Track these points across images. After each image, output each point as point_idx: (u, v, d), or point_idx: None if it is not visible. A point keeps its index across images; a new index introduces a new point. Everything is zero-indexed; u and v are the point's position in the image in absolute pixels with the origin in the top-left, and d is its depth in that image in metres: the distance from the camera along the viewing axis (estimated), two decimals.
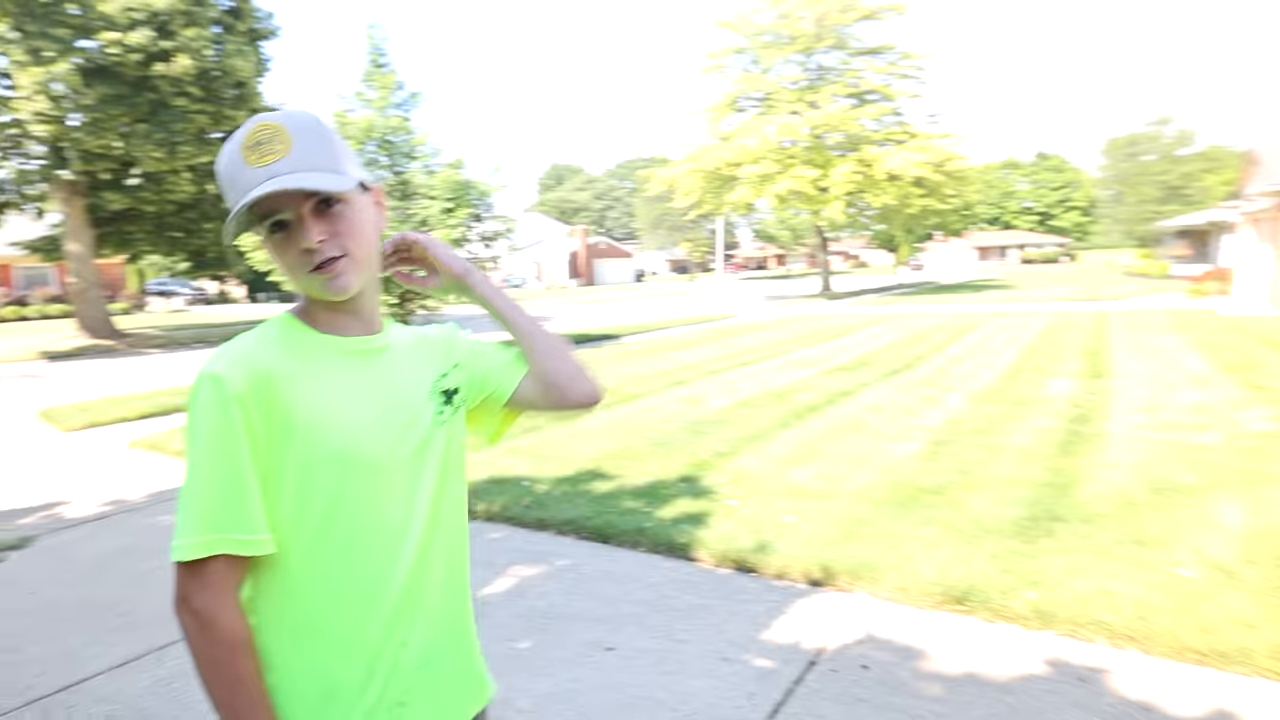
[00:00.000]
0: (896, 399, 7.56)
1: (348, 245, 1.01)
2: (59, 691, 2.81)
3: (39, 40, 14.79)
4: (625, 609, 3.29)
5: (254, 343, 1.01)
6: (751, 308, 24.99)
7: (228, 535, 0.93)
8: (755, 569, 3.60)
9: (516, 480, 5.04)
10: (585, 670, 2.83)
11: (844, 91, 29.20)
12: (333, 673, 1.00)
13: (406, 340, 1.16)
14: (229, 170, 0.98)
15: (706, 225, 65.66)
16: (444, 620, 1.12)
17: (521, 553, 3.96)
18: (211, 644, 0.94)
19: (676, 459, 5.45)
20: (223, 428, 0.93)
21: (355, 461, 1.00)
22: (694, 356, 11.64)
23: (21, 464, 6.46)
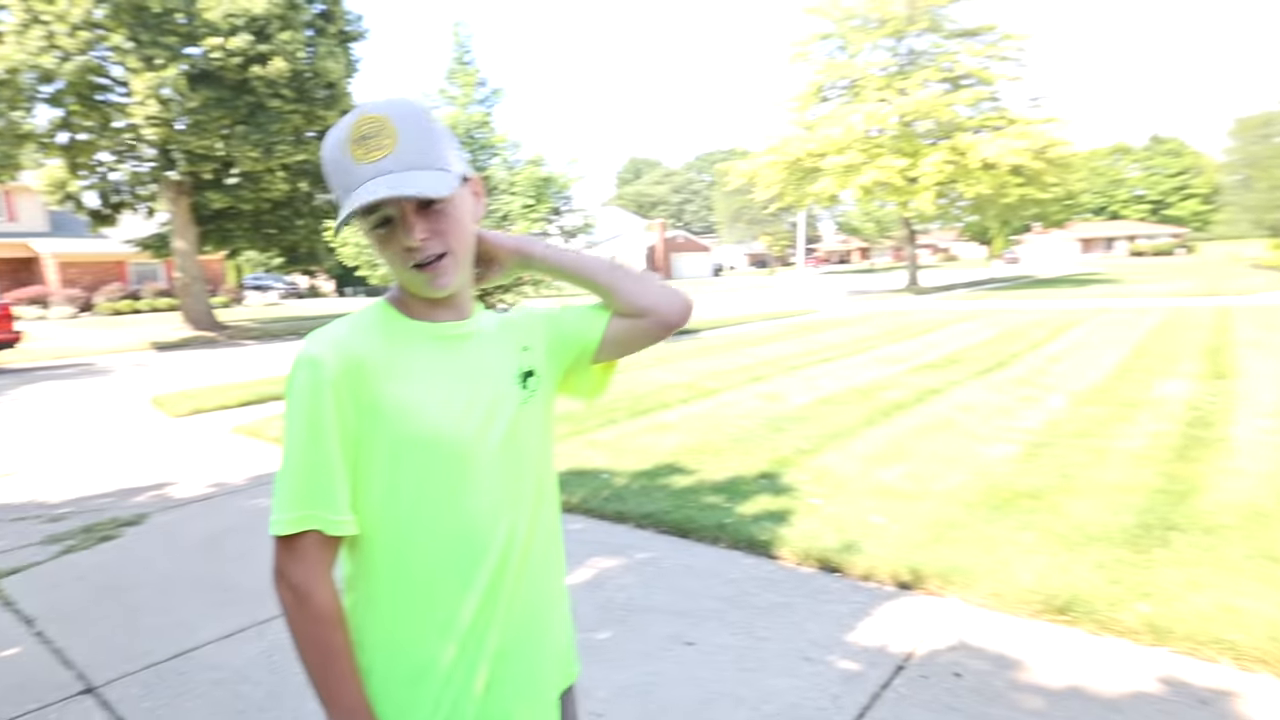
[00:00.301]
0: (990, 398, 7.21)
1: (450, 243, 1.02)
2: (172, 659, 2.98)
3: (151, 48, 15.78)
4: (706, 604, 3.24)
5: (348, 328, 1.03)
6: (834, 303, 24.40)
7: (318, 513, 0.97)
8: (840, 569, 3.49)
9: (596, 473, 5.05)
10: (664, 664, 2.79)
11: (936, 76, 28.08)
12: (421, 654, 1.02)
13: (492, 326, 1.17)
14: (336, 162, 0.99)
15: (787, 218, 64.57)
16: (534, 605, 1.11)
17: (601, 545, 3.96)
18: (306, 618, 0.98)
19: (757, 455, 5.35)
20: (315, 411, 0.97)
21: (442, 445, 1.01)
22: (774, 352, 11.44)
23: (136, 447, 6.88)
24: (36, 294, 30.06)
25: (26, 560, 4.08)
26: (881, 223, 60.07)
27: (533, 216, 11.47)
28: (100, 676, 2.87)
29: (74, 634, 3.22)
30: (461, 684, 1.03)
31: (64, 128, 17.58)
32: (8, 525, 4.69)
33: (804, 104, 30.96)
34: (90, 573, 3.89)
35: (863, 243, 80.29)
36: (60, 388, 11.22)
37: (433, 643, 1.02)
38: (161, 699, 2.71)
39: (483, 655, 1.04)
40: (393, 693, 1.02)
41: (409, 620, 1.02)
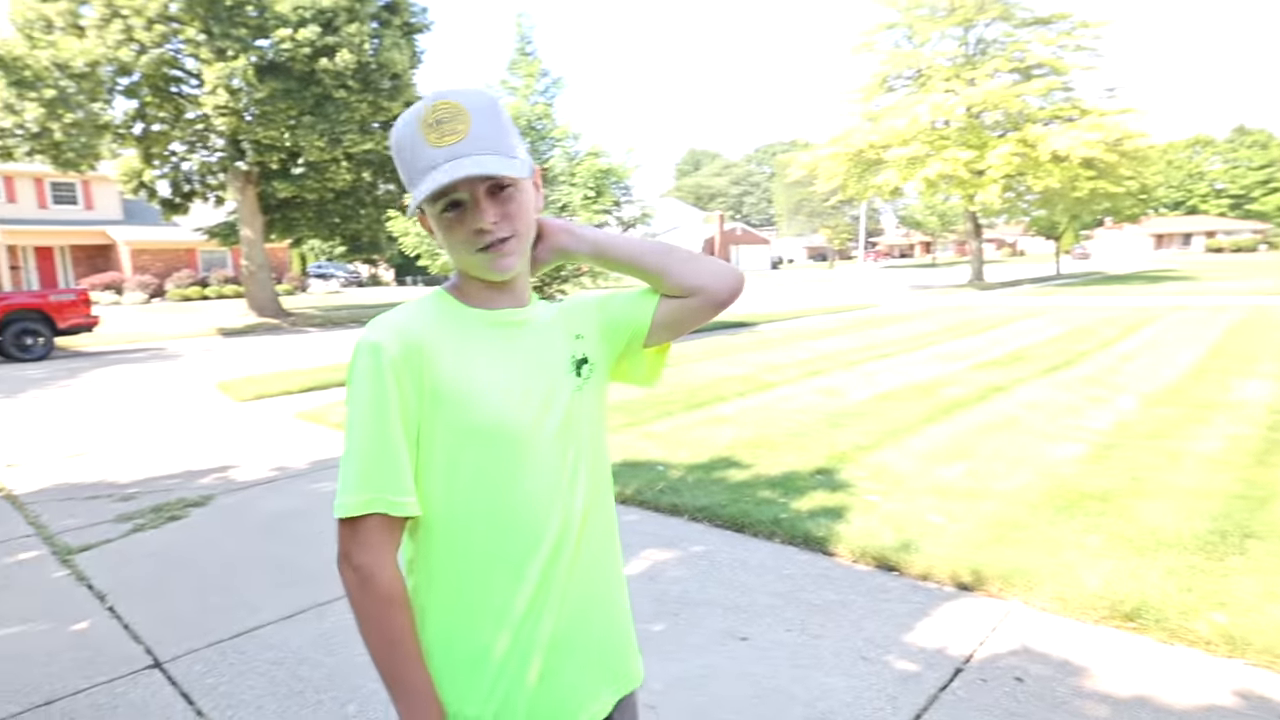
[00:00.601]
0: (1056, 397, 6.98)
1: (517, 227, 1.05)
2: (235, 637, 3.07)
3: (222, 40, 16.22)
4: (760, 600, 3.23)
5: (408, 314, 1.05)
6: (895, 297, 23.91)
7: (382, 495, 0.98)
8: (897, 568, 3.44)
9: (651, 464, 5.07)
10: (718, 658, 2.80)
11: (1006, 66, 27.18)
12: (477, 640, 1.03)
13: (548, 314, 1.17)
14: (408, 145, 1.01)
15: (848, 211, 63.39)
16: (589, 595, 1.11)
17: (655, 537, 3.98)
18: (370, 599, 0.99)
19: (813, 450, 5.30)
20: (378, 394, 0.98)
21: (499, 431, 1.03)
22: (832, 346, 11.29)
23: (202, 430, 7.12)
24: (111, 280, 31.39)
25: (99, 537, 4.23)
26: (945, 216, 58.39)
27: (594, 209, 11.52)
28: (166, 652, 2.96)
29: (142, 610, 3.33)
30: (515, 674, 1.03)
31: (139, 119, 18.20)
32: (81, 503, 4.87)
33: (868, 95, 30.35)
34: (158, 551, 4.03)
35: (925, 237, 78.32)
36: (132, 371, 11.71)
37: (487, 629, 1.02)
38: (224, 676, 2.78)
39: (536, 645, 1.04)
40: (450, 677, 1.03)
41: (465, 605, 1.03)
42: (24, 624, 3.19)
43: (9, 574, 3.74)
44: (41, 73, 15.60)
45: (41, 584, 3.62)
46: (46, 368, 12.50)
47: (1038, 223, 35.02)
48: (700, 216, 64.00)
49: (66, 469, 5.74)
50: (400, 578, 1.02)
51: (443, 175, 0.97)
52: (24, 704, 2.60)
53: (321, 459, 5.81)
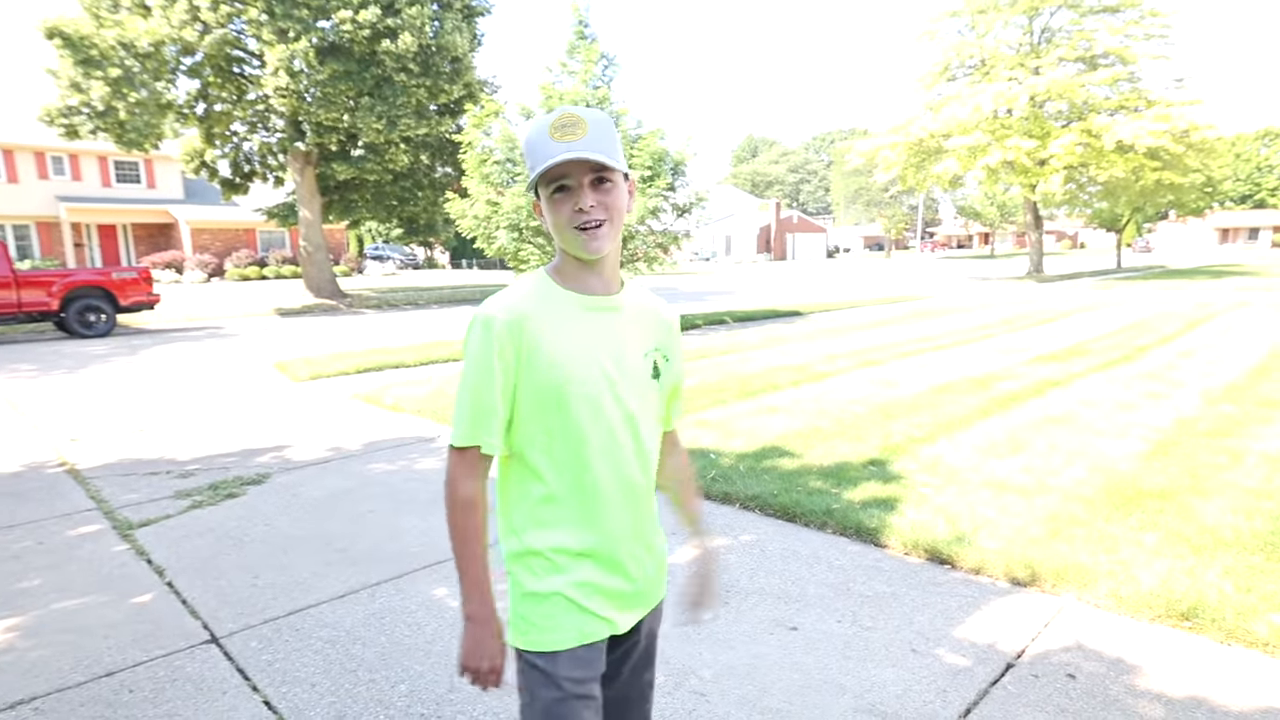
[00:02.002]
0: (1114, 392, 6.81)
1: (611, 214, 1.28)
2: (289, 615, 3.11)
3: (285, 21, 16.15)
4: (810, 590, 3.26)
5: (515, 293, 1.31)
6: (951, 288, 23.40)
7: (483, 436, 1.29)
8: (949, 561, 3.43)
9: (703, 452, 5.12)
10: (767, 647, 2.82)
11: (1072, 55, 26.25)
12: (557, 541, 1.32)
13: (637, 303, 1.42)
14: (536, 141, 1.26)
15: (906, 201, 62.03)
16: (644, 523, 1.42)
17: (706, 524, 4.03)
18: (455, 504, 1.32)
19: (866, 441, 5.29)
20: (484, 359, 1.27)
21: (579, 393, 1.29)
22: (887, 337, 11.15)
23: (259, 409, 7.17)
24: (172, 259, 31.98)
25: (159, 513, 4.30)
26: (1005, 207, 56.74)
27: (650, 191, 11.49)
28: (223, 628, 3.00)
29: (200, 586, 3.38)
30: (585, 571, 1.34)
31: (202, 99, 18.30)
32: (142, 479, 4.95)
33: (930, 83, 29.64)
34: (215, 527, 4.07)
35: (984, 227, 76.22)
36: (191, 349, 11.91)
37: (565, 536, 1.33)
38: (279, 654, 2.81)
39: (606, 554, 1.35)
40: (538, 569, 1.33)
41: (546, 517, 1.33)
42: (86, 596, 3.27)
43: (72, 547, 3.83)
44: (107, 52, 15.67)
45: (102, 558, 3.70)
46: (108, 344, 12.77)
47: (1099, 215, 33.84)
48: (756, 204, 63.31)
49: (127, 444, 5.86)
50: (482, 490, 1.32)
51: (561, 154, 1.22)
52: (87, 674, 2.67)
53: (375, 440, 5.83)
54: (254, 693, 2.56)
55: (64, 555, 3.73)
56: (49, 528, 4.10)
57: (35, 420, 6.81)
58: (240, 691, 2.57)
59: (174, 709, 2.46)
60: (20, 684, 2.62)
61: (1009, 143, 25.12)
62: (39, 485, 4.86)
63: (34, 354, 11.59)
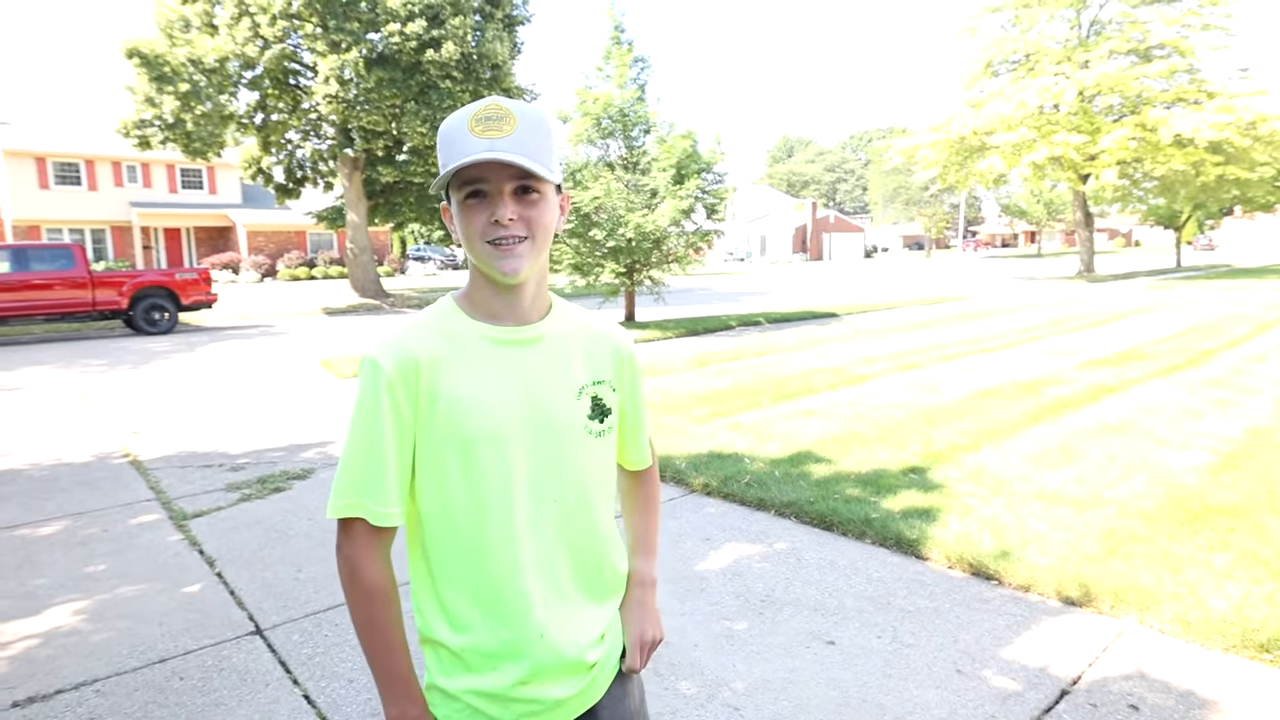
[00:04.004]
0: (1177, 399, 6.48)
1: (533, 230, 1.06)
2: (328, 610, 3.17)
3: (337, 34, 17.17)
4: (848, 602, 3.12)
5: (411, 329, 1.10)
6: (996, 288, 22.79)
7: (364, 503, 1.05)
8: (996, 576, 3.26)
9: (737, 457, 4.99)
10: (803, 662, 2.71)
11: (1123, 48, 25.34)
12: (465, 639, 1.09)
13: (569, 330, 1.18)
14: (452, 132, 1.04)
15: (948, 199, 60.82)
16: (571, 613, 1.15)
17: (739, 531, 3.91)
18: (356, 591, 1.08)
19: (907, 448, 5.09)
20: (373, 410, 1.05)
21: (482, 443, 1.07)
22: (928, 339, 10.85)
23: (306, 405, 7.44)
24: (229, 260, 33.63)
25: (211, 505, 4.47)
26: (1052, 204, 55.18)
27: (681, 193, 11.43)
28: (267, 620, 3.07)
29: (247, 577, 3.47)
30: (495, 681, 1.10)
31: (260, 109, 19.41)
32: (196, 471, 5.17)
33: (971, 80, 28.98)
34: (263, 520, 4.20)
35: (1030, 225, 74.44)
36: (244, 346, 12.38)
37: (466, 629, 1.09)
38: (319, 648, 2.86)
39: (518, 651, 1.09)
40: (440, 665, 1.12)
41: (448, 600, 1.10)
42: (143, 583, 3.43)
43: (132, 535, 4.02)
44: (178, 69, 16.90)
45: (159, 546, 3.87)
46: (170, 341, 13.40)
47: (1156, 211, 32.67)
48: (791, 204, 62.77)
49: (185, 438, 6.12)
50: (386, 575, 1.09)
51: (476, 152, 1.00)
52: (142, 660, 2.78)
53: None
54: (295, 686, 2.61)
55: (125, 543, 3.92)
56: (113, 516, 4.32)
57: (104, 413, 7.18)
58: (282, 684, 2.62)
59: (220, 698, 2.53)
60: (84, 666, 2.75)
61: (1056, 138, 24.37)
62: (105, 475, 5.11)
63: (104, 350, 12.22)
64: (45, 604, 3.24)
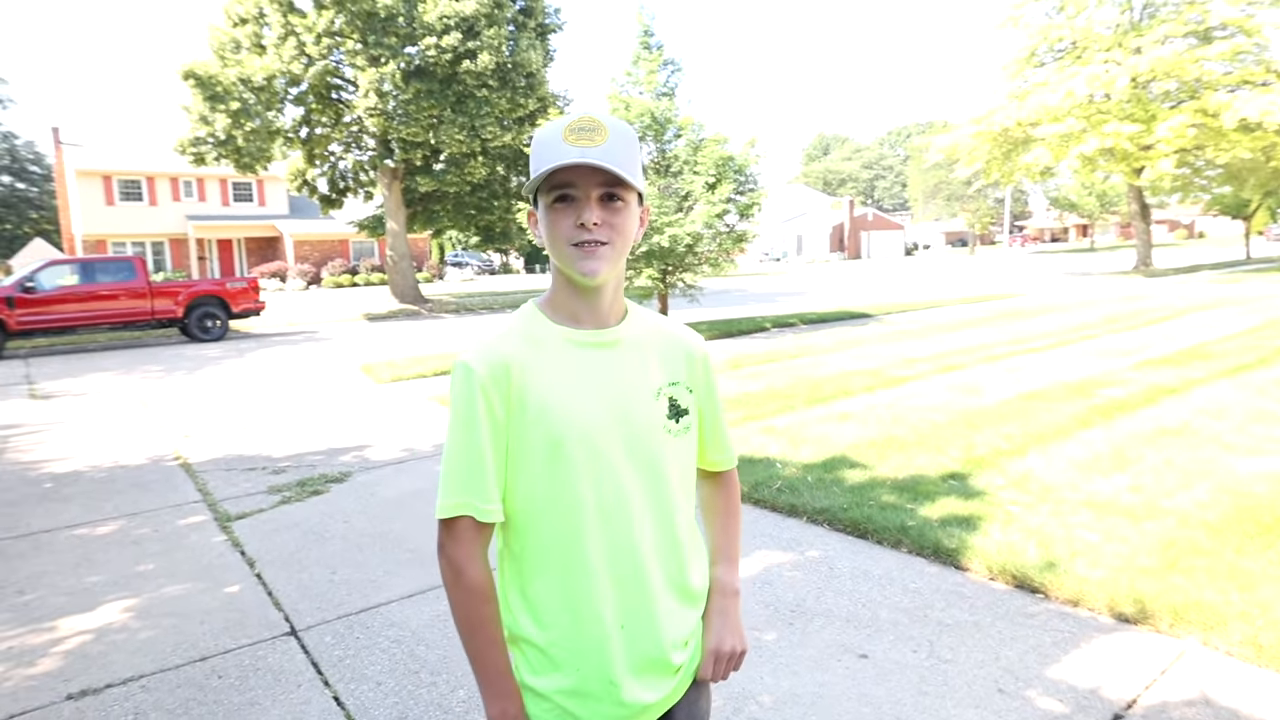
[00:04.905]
0: (1245, 401, 6.11)
1: (614, 237, 1.10)
2: (361, 612, 3.20)
3: (376, 49, 17.73)
4: (882, 614, 2.98)
5: (500, 334, 1.15)
6: (1045, 285, 22.10)
7: (471, 502, 1.09)
8: (1041, 589, 3.07)
9: (769, 461, 4.85)
10: (834, 675, 2.59)
11: (1180, 30, 24.24)
12: (551, 635, 1.12)
13: (645, 333, 1.21)
14: (546, 140, 1.09)
15: (992, 194, 59.28)
16: (657, 610, 1.16)
17: (770, 538, 3.79)
18: (460, 589, 1.12)
19: (946, 453, 4.89)
20: (469, 412, 1.09)
21: (571, 449, 1.10)
22: (971, 339, 10.51)
23: (346, 409, 7.55)
24: (277, 269, 34.86)
25: (253, 507, 4.59)
26: (1104, 197, 53.31)
27: (713, 198, 11.30)
28: (302, 621, 3.14)
29: (284, 578, 3.55)
30: (583, 675, 1.12)
31: (305, 124, 20.08)
32: (241, 474, 5.31)
33: (1015, 71, 28.09)
34: (301, 522, 4.29)
35: (1081, 219, 72.13)
36: (289, 352, 12.69)
37: (554, 625, 1.12)
38: (350, 650, 2.90)
39: (603, 650, 1.12)
40: (529, 661, 1.15)
41: (538, 599, 1.13)
42: (188, 583, 3.56)
43: (180, 535, 4.18)
44: (230, 88, 17.76)
45: (204, 547, 4.00)
46: (221, 348, 13.83)
47: (1221, 201, 31.26)
48: (828, 202, 61.98)
49: (231, 441, 6.30)
50: (487, 573, 1.13)
51: (570, 156, 1.05)
52: (184, 658, 2.88)
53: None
54: (325, 688, 2.66)
55: (173, 543, 4.08)
56: (163, 517, 4.50)
57: (159, 417, 7.50)
58: (314, 685, 2.67)
59: (255, 697, 2.60)
60: (131, 662, 2.87)
61: (1107, 128, 23.44)
62: (158, 477, 5.32)
63: (161, 356, 12.76)
64: (99, 600, 3.38)
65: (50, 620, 3.20)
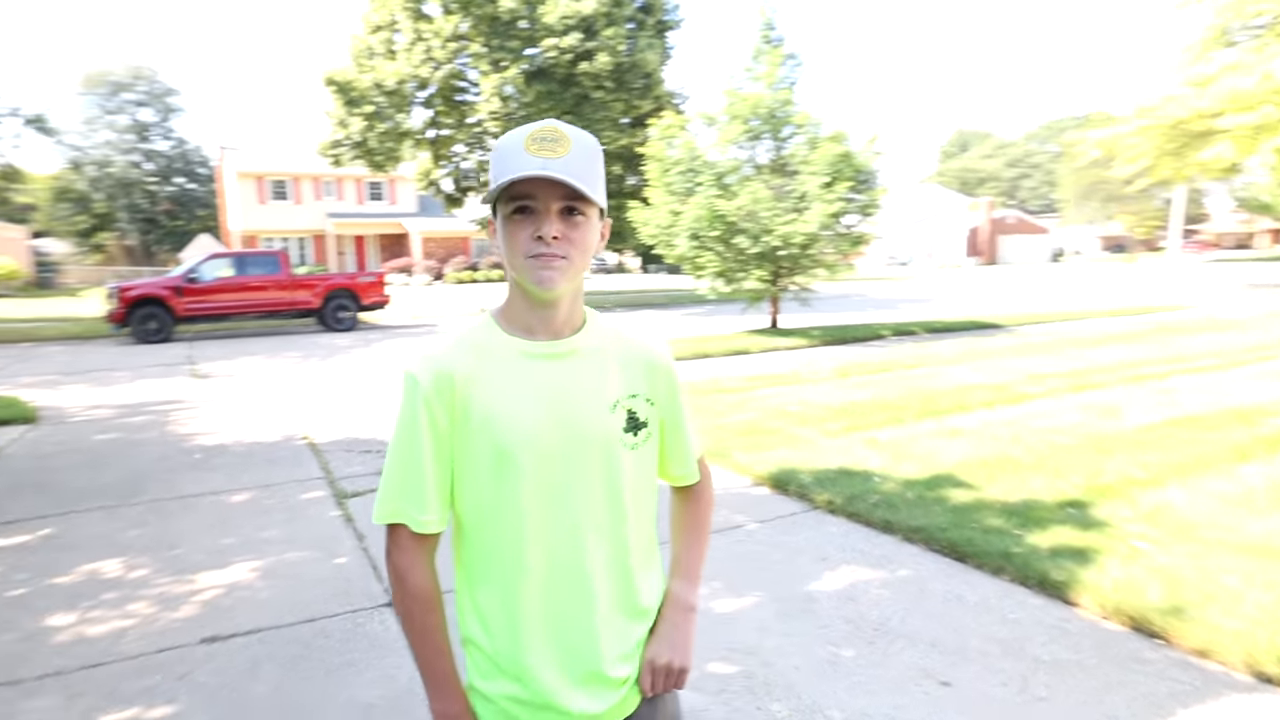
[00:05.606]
0: None
1: (573, 252, 1.09)
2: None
3: (499, 52, 18.51)
4: (972, 643, 2.80)
5: (445, 345, 1.15)
6: (1220, 298, 19.91)
7: (405, 511, 1.12)
8: (1163, 635, 2.78)
9: (867, 474, 4.66)
10: (911, 699, 2.46)
11: None
12: (497, 644, 1.14)
13: (603, 344, 1.19)
14: (506, 149, 1.08)
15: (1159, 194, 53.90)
16: (596, 624, 1.15)
17: (860, 554, 3.64)
18: (403, 594, 1.15)
19: (1067, 477, 4.51)
20: (412, 422, 1.11)
21: (513, 454, 1.10)
22: (1116, 355, 9.61)
23: None
24: (403, 265, 37.15)
25: (367, 487, 4.86)
26: None
27: (829, 196, 10.96)
28: None
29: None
30: (516, 693, 1.13)
31: (432, 125, 21.20)
32: (358, 456, 5.67)
33: (1200, 52, 25.04)
34: None
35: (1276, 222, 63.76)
36: (410, 344, 13.37)
37: (493, 626, 1.14)
38: None
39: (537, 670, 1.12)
40: (476, 667, 1.17)
41: (479, 602, 1.15)
42: (305, 551, 3.86)
43: (302, 507, 4.54)
44: (365, 92, 19.12)
45: (322, 520, 4.33)
46: (351, 338, 14.85)
47: None
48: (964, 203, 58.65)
49: (354, 424, 6.74)
50: (430, 580, 1.15)
51: (529, 168, 1.03)
52: (296, 617, 3.16)
53: None
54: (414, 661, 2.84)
55: (296, 514, 4.45)
56: (289, 490, 4.90)
57: (295, 399, 8.18)
58: (404, 654, 2.76)
59: (353, 659, 2.83)
60: (253, 616, 3.19)
61: None
62: (289, 454, 5.80)
63: (299, 344, 13.91)
64: (230, 560, 3.76)
65: (192, 573, 3.60)
